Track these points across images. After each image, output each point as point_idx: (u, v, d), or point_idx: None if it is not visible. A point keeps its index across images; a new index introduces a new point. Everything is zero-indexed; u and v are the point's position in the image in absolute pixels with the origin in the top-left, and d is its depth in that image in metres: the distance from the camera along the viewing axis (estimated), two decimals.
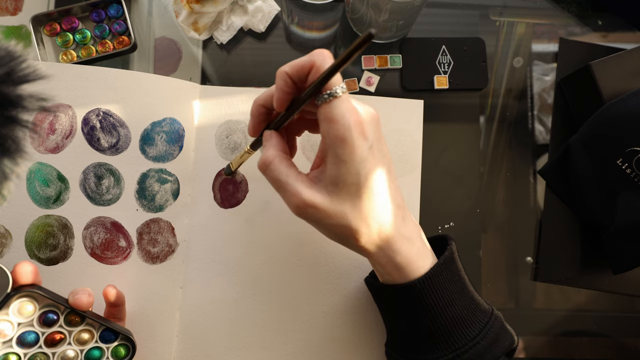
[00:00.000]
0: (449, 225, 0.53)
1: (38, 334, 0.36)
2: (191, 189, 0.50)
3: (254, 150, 0.43)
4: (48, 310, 0.37)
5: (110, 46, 0.53)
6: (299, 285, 0.50)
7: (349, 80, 0.54)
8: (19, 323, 0.36)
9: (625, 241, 0.49)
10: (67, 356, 0.37)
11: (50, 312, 0.37)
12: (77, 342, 0.38)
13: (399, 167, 0.52)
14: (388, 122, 0.53)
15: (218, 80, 0.54)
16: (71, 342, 0.38)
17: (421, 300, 0.37)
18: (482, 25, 0.57)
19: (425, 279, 0.37)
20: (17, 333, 0.36)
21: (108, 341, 0.39)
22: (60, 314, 0.37)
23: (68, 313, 0.37)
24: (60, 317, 0.37)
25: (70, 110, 0.48)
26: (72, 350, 0.37)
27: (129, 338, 0.39)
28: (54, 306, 0.37)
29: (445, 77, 0.55)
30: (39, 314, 0.36)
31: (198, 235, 0.50)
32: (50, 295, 0.36)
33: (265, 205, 0.51)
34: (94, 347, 0.38)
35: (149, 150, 0.49)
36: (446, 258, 0.38)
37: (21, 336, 0.36)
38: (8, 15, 0.53)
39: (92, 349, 0.38)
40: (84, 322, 0.38)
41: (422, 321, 0.38)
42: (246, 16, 0.54)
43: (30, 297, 0.36)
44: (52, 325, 0.37)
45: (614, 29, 0.59)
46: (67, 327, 0.37)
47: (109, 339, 0.39)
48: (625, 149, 0.48)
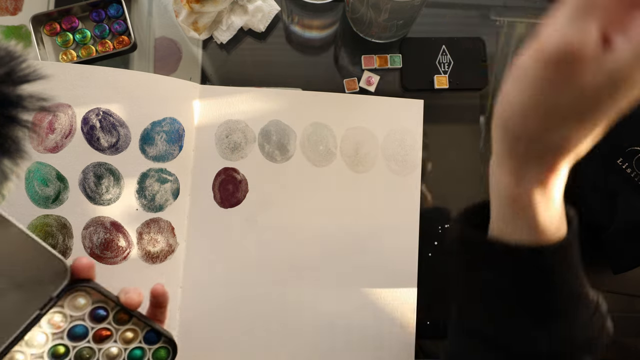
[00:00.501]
0: (449, 225, 0.53)
1: (88, 328, 0.37)
2: (191, 188, 0.50)
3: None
4: (99, 306, 0.37)
5: (110, 46, 0.53)
6: (299, 284, 0.50)
7: (349, 80, 0.54)
8: (72, 316, 0.37)
9: (625, 241, 0.49)
10: (112, 353, 0.38)
11: (101, 308, 0.37)
12: (122, 340, 0.38)
13: (399, 167, 0.52)
14: (388, 122, 0.53)
15: (218, 80, 0.54)
16: (117, 340, 0.38)
17: (547, 270, 0.31)
18: (482, 25, 0.57)
19: (567, 243, 0.31)
20: (69, 326, 0.36)
21: (151, 342, 0.39)
22: (110, 311, 0.38)
23: (117, 311, 0.38)
24: (109, 314, 0.38)
25: (69, 109, 0.48)
26: (116, 348, 0.38)
27: (171, 341, 0.39)
28: (104, 302, 0.38)
29: (445, 77, 0.55)
30: (90, 309, 0.37)
31: (198, 235, 0.50)
32: (103, 292, 0.37)
33: (265, 205, 0.51)
34: (137, 347, 0.38)
35: (149, 149, 0.49)
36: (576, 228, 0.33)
37: (72, 329, 0.37)
38: (8, 15, 0.53)
39: (135, 349, 0.38)
40: (130, 320, 0.38)
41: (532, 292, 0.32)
42: (246, 16, 0.54)
43: (84, 292, 0.37)
44: (102, 321, 0.37)
45: None
46: (115, 324, 0.38)
47: (152, 340, 0.39)
48: (626, 149, 0.48)
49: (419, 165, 0.53)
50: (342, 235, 0.51)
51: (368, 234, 0.51)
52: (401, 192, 0.52)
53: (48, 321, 0.36)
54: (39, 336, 0.35)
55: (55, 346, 0.36)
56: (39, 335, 0.35)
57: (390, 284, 0.51)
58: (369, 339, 0.50)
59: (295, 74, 0.55)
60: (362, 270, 0.51)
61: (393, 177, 0.52)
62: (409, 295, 0.51)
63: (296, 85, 0.54)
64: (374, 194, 0.52)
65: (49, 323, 0.36)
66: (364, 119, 0.53)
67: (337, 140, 0.52)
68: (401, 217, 0.52)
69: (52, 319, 0.36)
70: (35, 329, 0.35)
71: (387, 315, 0.50)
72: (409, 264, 0.51)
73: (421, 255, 0.52)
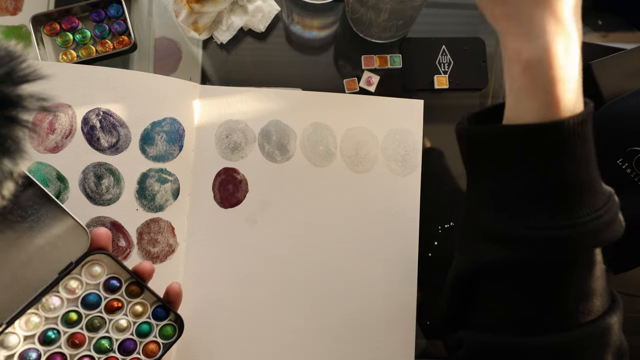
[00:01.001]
0: (449, 225, 0.53)
1: (101, 298, 0.38)
2: (191, 188, 0.50)
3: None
4: (113, 276, 0.38)
5: (110, 46, 0.53)
6: (299, 284, 0.50)
7: (349, 80, 0.54)
8: (87, 284, 0.38)
9: (625, 241, 0.49)
10: (121, 326, 0.38)
11: (115, 279, 0.38)
12: (132, 313, 0.39)
13: (400, 167, 0.52)
14: (388, 122, 0.53)
15: (218, 80, 0.54)
16: (127, 313, 0.39)
17: (565, 147, 0.29)
18: (482, 25, 0.57)
19: (582, 120, 0.29)
20: (83, 293, 0.38)
21: (159, 318, 0.40)
22: (123, 282, 0.39)
23: (130, 283, 0.39)
24: (122, 286, 0.39)
25: (70, 109, 0.48)
26: (125, 320, 0.39)
27: (178, 319, 0.40)
28: (118, 274, 0.39)
29: (445, 77, 0.55)
30: (105, 278, 0.38)
31: (198, 235, 0.50)
32: (118, 262, 0.38)
33: (265, 205, 0.51)
34: (145, 322, 0.39)
35: (149, 150, 0.49)
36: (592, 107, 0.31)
37: (86, 297, 0.38)
38: (8, 15, 0.53)
39: (143, 323, 0.39)
40: (141, 295, 0.39)
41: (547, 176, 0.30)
42: (246, 16, 0.54)
43: (100, 261, 0.38)
44: (115, 292, 0.38)
45: (614, 29, 0.58)
46: (126, 296, 0.39)
47: (160, 316, 0.40)
48: (626, 149, 0.48)
49: (419, 165, 0.53)
50: (342, 235, 0.51)
51: (368, 234, 0.51)
52: (401, 192, 0.52)
53: (65, 286, 0.37)
54: (55, 300, 0.36)
55: (68, 312, 0.37)
56: (55, 299, 0.36)
57: (390, 283, 0.51)
58: (368, 339, 0.50)
59: (295, 74, 0.55)
60: (362, 270, 0.51)
61: (393, 177, 0.52)
62: (409, 295, 0.51)
63: (296, 85, 0.54)
64: (374, 194, 0.52)
65: (66, 288, 0.37)
66: (364, 119, 0.53)
67: (337, 140, 0.52)
68: (401, 217, 0.52)
69: (68, 284, 0.37)
70: (53, 293, 0.36)
71: (387, 315, 0.50)
72: (409, 263, 0.51)
73: (421, 255, 0.52)
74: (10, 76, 0.28)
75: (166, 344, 0.39)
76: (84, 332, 0.37)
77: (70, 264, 0.37)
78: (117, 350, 0.38)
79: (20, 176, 0.31)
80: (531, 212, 0.30)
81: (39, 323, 0.36)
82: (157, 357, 0.39)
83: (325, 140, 0.52)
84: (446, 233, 0.53)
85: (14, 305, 0.35)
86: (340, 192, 0.52)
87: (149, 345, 0.39)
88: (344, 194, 0.52)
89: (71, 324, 0.37)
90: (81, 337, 0.37)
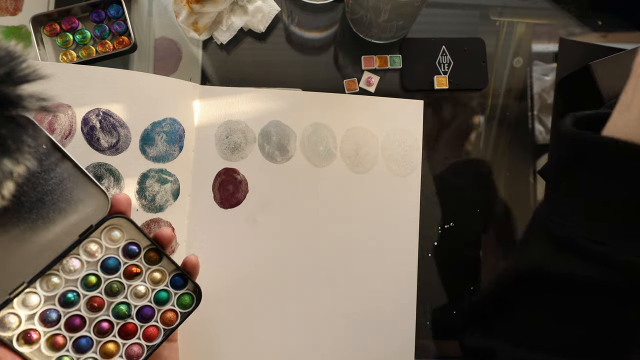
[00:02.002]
0: (449, 225, 0.53)
1: (120, 262, 0.38)
2: (191, 189, 0.50)
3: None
4: (132, 242, 0.39)
5: (110, 46, 0.53)
6: (299, 284, 0.50)
7: (349, 80, 0.54)
8: (107, 248, 0.38)
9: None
10: (139, 292, 0.38)
11: (134, 245, 0.39)
12: (150, 280, 0.39)
13: (400, 167, 0.52)
14: (388, 122, 0.53)
15: (218, 80, 0.54)
16: (145, 280, 0.39)
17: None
18: (482, 25, 0.57)
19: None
20: (103, 257, 0.38)
21: (177, 287, 0.40)
22: (141, 248, 0.39)
23: (148, 250, 0.39)
24: (141, 251, 0.39)
25: (69, 110, 0.48)
26: (144, 287, 0.39)
27: (196, 289, 0.40)
28: (137, 240, 0.39)
29: (445, 77, 0.55)
30: (124, 244, 0.38)
31: (198, 236, 0.50)
32: (138, 227, 0.38)
33: (265, 205, 0.51)
34: (163, 289, 0.39)
35: (149, 150, 0.49)
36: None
37: (105, 261, 0.38)
38: (8, 15, 0.53)
39: (161, 291, 0.39)
40: (160, 261, 0.39)
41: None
42: (246, 16, 0.54)
43: (119, 226, 0.38)
44: (133, 257, 0.38)
45: (614, 29, 0.59)
46: (145, 262, 0.39)
47: (179, 284, 0.40)
48: None
49: (419, 165, 0.53)
50: (342, 235, 0.51)
51: (368, 234, 0.51)
52: (401, 192, 0.52)
53: (85, 249, 0.37)
54: (75, 262, 0.37)
55: (88, 275, 0.37)
56: (75, 261, 0.37)
57: (390, 284, 0.51)
58: (368, 339, 0.50)
59: (295, 74, 0.55)
60: (362, 270, 0.51)
61: (393, 177, 0.52)
62: (409, 295, 0.51)
63: (296, 85, 0.54)
64: (374, 194, 0.52)
65: (85, 251, 0.37)
66: (364, 119, 0.53)
67: (337, 140, 0.52)
68: (401, 217, 0.52)
69: (88, 247, 0.37)
70: (73, 255, 0.37)
71: (387, 315, 0.50)
72: (409, 264, 0.51)
73: (421, 255, 0.52)
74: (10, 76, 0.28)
75: (184, 313, 0.39)
76: (103, 296, 0.37)
77: (90, 226, 0.37)
78: (135, 317, 0.38)
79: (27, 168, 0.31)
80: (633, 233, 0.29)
81: (59, 284, 0.36)
82: (175, 326, 0.39)
83: (325, 140, 0.52)
84: (446, 233, 0.53)
85: (36, 267, 0.35)
86: (340, 192, 0.52)
87: (166, 313, 0.39)
88: (344, 194, 0.52)
89: (90, 287, 0.37)
90: (100, 300, 0.37)
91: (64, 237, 0.36)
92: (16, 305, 0.35)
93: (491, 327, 0.34)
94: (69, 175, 0.36)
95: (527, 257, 0.33)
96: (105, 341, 0.37)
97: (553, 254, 0.31)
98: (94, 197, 0.37)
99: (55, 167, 0.35)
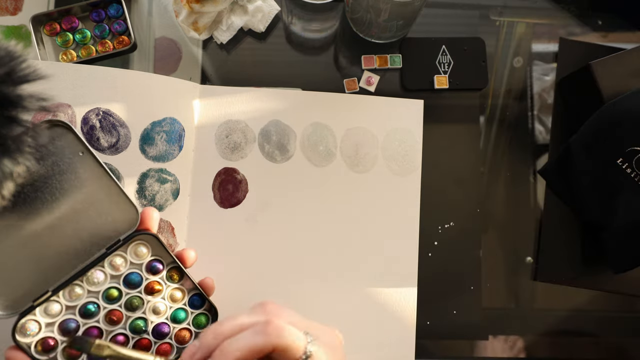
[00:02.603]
0: (449, 225, 0.53)
1: (142, 278, 0.38)
2: (191, 188, 0.50)
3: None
4: (156, 259, 0.39)
5: (110, 46, 0.53)
6: (299, 284, 0.50)
7: (349, 80, 0.54)
8: (131, 263, 0.38)
9: (625, 241, 0.49)
10: (158, 309, 0.39)
11: (158, 262, 0.39)
12: (169, 298, 0.39)
13: (400, 167, 0.52)
14: (388, 122, 0.53)
15: (218, 80, 0.54)
16: (165, 297, 0.39)
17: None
18: (482, 25, 0.57)
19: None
20: (126, 271, 0.38)
21: (195, 306, 0.40)
22: (164, 266, 0.39)
23: (171, 268, 0.39)
24: (164, 269, 0.39)
25: (69, 109, 0.48)
26: (163, 304, 0.39)
27: (212, 310, 0.41)
28: (161, 257, 0.39)
29: (445, 77, 0.55)
30: (149, 260, 0.39)
31: (198, 235, 0.50)
32: (164, 245, 0.38)
33: (265, 205, 0.51)
34: (181, 308, 0.40)
35: (149, 150, 0.49)
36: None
37: (129, 275, 0.38)
38: (8, 15, 0.53)
39: (179, 309, 0.40)
40: (181, 280, 0.40)
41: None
42: (246, 16, 0.54)
43: (147, 242, 0.39)
44: (156, 274, 0.39)
45: (614, 29, 0.59)
46: (166, 280, 0.39)
47: (196, 304, 0.40)
48: (626, 149, 0.48)
49: (419, 165, 0.53)
50: (342, 235, 0.51)
51: (368, 234, 0.51)
52: (401, 192, 0.52)
53: (110, 262, 0.37)
54: (99, 274, 0.37)
55: (110, 288, 0.37)
56: (99, 273, 0.37)
57: (390, 283, 0.51)
58: (368, 339, 0.50)
59: (295, 74, 0.55)
60: (362, 270, 0.51)
61: (393, 177, 0.52)
62: (409, 295, 0.51)
63: (296, 85, 0.54)
64: (374, 194, 0.52)
65: (111, 264, 0.37)
66: (364, 119, 0.53)
67: (337, 140, 0.52)
68: (401, 217, 0.52)
69: (114, 260, 0.38)
70: (98, 267, 0.37)
71: (387, 315, 0.50)
72: (409, 264, 0.51)
73: (421, 255, 0.52)
74: (10, 76, 0.28)
75: (198, 333, 0.40)
76: (122, 310, 0.38)
77: (118, 240, 0.37)
78: (151, 333, 0.38)
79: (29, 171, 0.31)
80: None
81: (81, 295, 0.37)
82: (188, 344, 0.39)
83: (325, 140, 0.52)
84: (446, 233, 0.53)
85: (61, 274, 0.36)
86: (340, 192, 0.52)
87: (181, 331, 0.39)
88: (344, 194, 0.52)
89: (111, 300, 0.37)
90: (119, 314, 0.37)
91: (90, 247, 0.37)
92: (38, 312, 0.35)
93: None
94: (102, 186, 0.36)
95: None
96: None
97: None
98: (123, 210, 0.37)
99: (89, 176, 0.36)
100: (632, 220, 0.48)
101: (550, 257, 0.54)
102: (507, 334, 0.53)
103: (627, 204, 0.48)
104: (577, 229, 0.55)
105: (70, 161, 0.35)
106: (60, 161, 0.35)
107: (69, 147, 0.35)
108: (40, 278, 0.35)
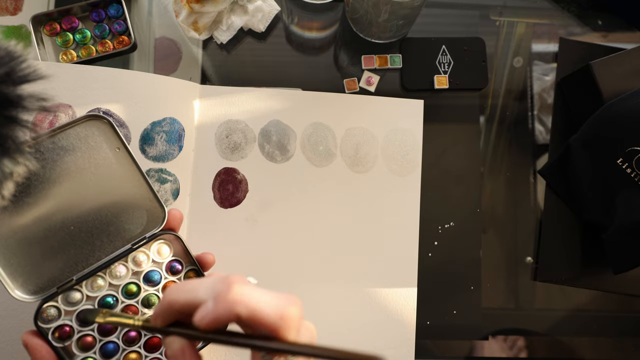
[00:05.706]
0: (449, 225, 0.53)
1: (162, 277, 0.39)
2: (191, 188, 0.50)
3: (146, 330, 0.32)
4: (176, 259, 0.40)
5: (110, 46, 0.53)
6: (299, 284, 0.50)
7: (349, 79, 0.54)
8: (153, 261, 0.39)
9: (625, 241, 0.49)
10: None
11: (178, 262, 0.40)
12: None
13: (400, 167, 0.52)
14: (388, 122, 0.53)
15: (218, 80, 0.54)
16: None
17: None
18: (482, 25, 0.57)
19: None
20: (148, 269, 0.39)
21: None
22: (184, 266, 0.40)
23: (188, 270, 0.40)
24: (183, 270, 0.40)
25: (70, 110, 0.48)
26: None
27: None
28: (182, 258, 0.40)
29: (445, 77, 0.55)
30: (169, 260, 0.39)
31: (198, 235, 0.50)
32: (186, 247, 0.39)
33: (265, 205, 0.51)
34: None
35: (148, 150, 0.49)
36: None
37: (149, 273, 0.39)
38: (8, 15, 0.53)
39: None
40: None
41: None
42: (246, 16, 0.54)
43: (170, 242, 0.39)
44: (175, 274, 0.39)
45: (614, 29, 0.59)
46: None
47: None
48: (626, 149, 0.48)
49: (419, 165, 0.53)
50: (342, 235, 0.51)
51: (368, 234, 0.51)
52: (401, 192, 0.52)
53: (133, 258, 0.38)
54: (122, 268, 0.38)
55: (130, 283, 0.38)
56: (122, 268, 0.38)
57: (390, 284, 0.51)
58: (368, 339, 0.50)
59: (295, 74, 0.55)
60: (362, 270, 0.51)
61: (393, 177, 0.52)
62: (409, 295, 0.51)
63: (296, 85, 0.54)
64: (374, 194, 0.52)
65: (134, 260, 0.38)
66: (364, 119, 0.53)
67: (337, 140, 0.52)
68: (401, 217, 0.52)
69: (137, 256, 0.38)
70: (121, 261, 0.38)
71: (387, 315, 0.50)
72: (409, 264, 0.51)
73: (421, 255, 0.52)
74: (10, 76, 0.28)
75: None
76: (139, 306, 0.38)
77: (143, 238, 0.38)
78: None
79: (30, 171, 0.32)
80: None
81: (102, 287, 0.37)
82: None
83: (325, 140, 0.52)
84: (446, 233, 0.53)
85: (86, 264, 0.37)
86: (340, 192, 0.52)
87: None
88: (344, 194, 0.52)
89: (130, 295, 0.38)
90: (135, 310, 0.38)
91: (116, 241, 0.37)
92: (60, 299, 0.36)
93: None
94: (134, 183, 0.37)
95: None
96: (130, 350, 0.38)
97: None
98: (151, 209, 0.38)
99: (123, 172, 0.37)
100: (632, 220, 0.48)
101: (550, 257, 0.54)
102: (506, 334, 0.53)
103: (626, 203, 0.48)
104: (577, 229, 0.55)
105: (106, 155, 0.36)
106: (97, 154, 0.36)
107: (107, 142, 0.36)
108: (66, 266, 0.36)
